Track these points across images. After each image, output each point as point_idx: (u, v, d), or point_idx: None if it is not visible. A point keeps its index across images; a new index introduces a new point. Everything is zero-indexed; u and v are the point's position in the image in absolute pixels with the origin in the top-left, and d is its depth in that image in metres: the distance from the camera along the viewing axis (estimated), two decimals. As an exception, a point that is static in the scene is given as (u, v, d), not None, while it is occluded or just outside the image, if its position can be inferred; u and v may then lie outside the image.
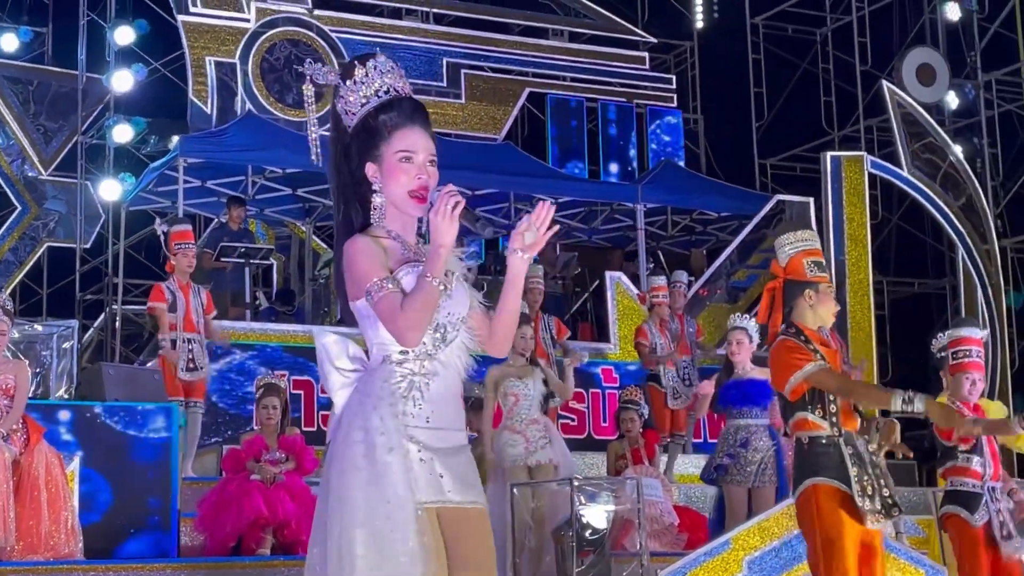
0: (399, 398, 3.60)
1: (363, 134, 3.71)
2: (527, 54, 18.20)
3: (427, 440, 3.60)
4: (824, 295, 5.65)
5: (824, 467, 5.46)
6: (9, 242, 15.39)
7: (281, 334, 12.62)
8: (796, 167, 19.47)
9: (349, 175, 3.73)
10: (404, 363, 3.63)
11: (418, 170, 3.68)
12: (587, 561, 7.60)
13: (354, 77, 3.72)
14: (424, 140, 3.70)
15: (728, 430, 8.91)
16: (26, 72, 15.95)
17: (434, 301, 3.56)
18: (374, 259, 3.61)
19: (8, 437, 7.81)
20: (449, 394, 3.69)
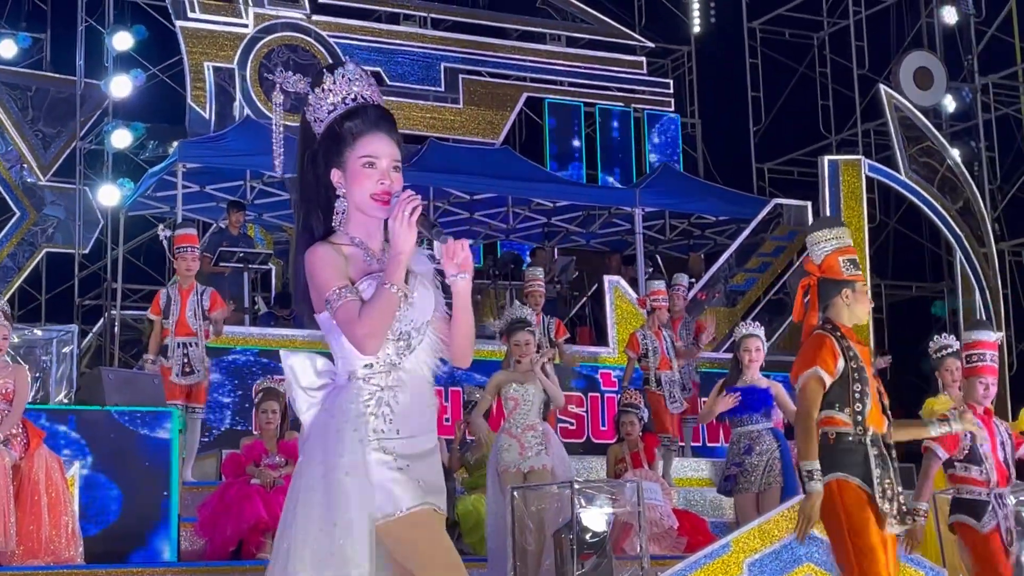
0: (367, 417, 3.62)
1: (328, 141, 3.73)
2: (525, 59, 18.22)
3: (400, 449, 3.63)
4: (860, 294, 5.62)
5: (848, 464, 5.43)
6: (8, 248, 15.39)
7: (280, 338, 12.62)
8: (794, 171, 19.51)
9: (315, 181, 3.74)
10: (370, 379, 3.66)
11: (381, 175, 3.69)
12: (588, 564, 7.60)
13: (323, 85, 3.75)
14: (388, 146, 3.72)
15: (733, 439, 8.95)
16: (24, 78, 15.97)
17: (392, 308, 3.58)
18: (334, 268, 3.63)
19: (8, 442, 7.81)
20: (418, 401, 3.71)
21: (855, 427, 5.43)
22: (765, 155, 19.84)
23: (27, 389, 8.21)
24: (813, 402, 5.48)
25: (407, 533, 3.61)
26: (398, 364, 3.67)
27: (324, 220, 3.74)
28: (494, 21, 18.50)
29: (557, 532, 7.88)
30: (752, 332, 9.07)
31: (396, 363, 3.66)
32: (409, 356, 3.69)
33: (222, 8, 16.38)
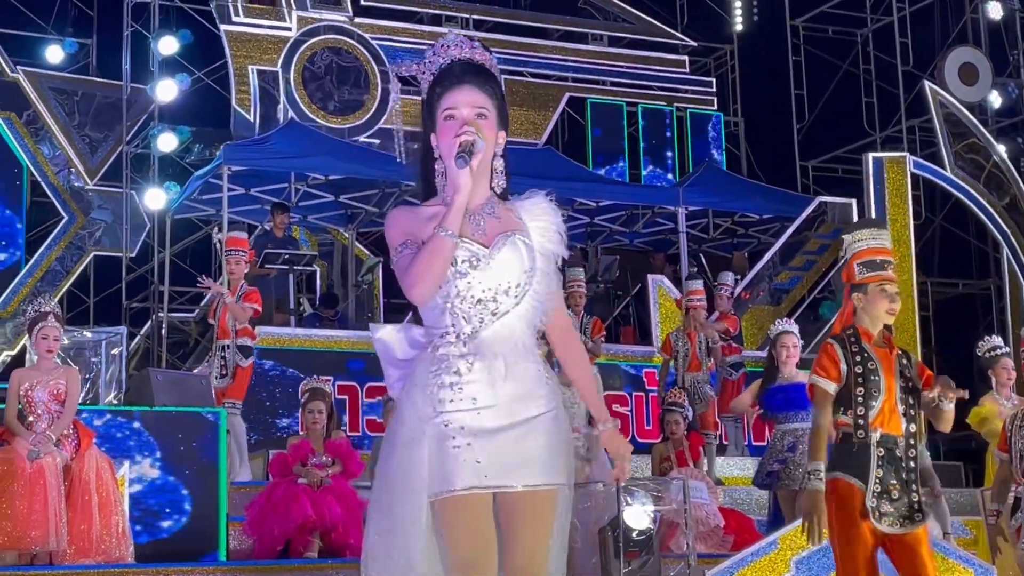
0: (436, 386, 3.50)
1: (425, 110, 3.69)
2: (567, 59, 18.22)
3: (472, 423, 3.48)
4: (873, 295, 5.64)
5: (848, 464, 5.51)
6: (56, 251, 15.52)
7: (325, 339, 12.71)
8: (838, 168, 19.40)
9: (423, 154, 3.70)
10: (442, 348, 3.54)
11: (459, 124, 3.58)
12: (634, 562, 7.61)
13: (425, 59, 3.72)
14: (470, 95, 3.62)
15: (776, 435, 8.92)
16: (71, 83, 16.11)
17: (442, 253, 3.45)
18: (398, 228, 3.58)
19: (59, 442, 7.90)
20: (501, 369, 3.52)
21: (856, 429, 5.50)
22: (809, 153, 19.74)
23: (78, 390, 8.30)
24: (818, 408, 5.60)
25: (444, 517, 3.47)
26: (476, 331, 3.52)
27: (424, 189, 3.70)
28: (536, 22, 18.51)
29: (603, 530, 7.89)
30: (787, 329, 9.08)
31: (474, 331, 3.52)
32: (494, 323, 3.54)
33: (266, 12, 16.47)
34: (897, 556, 5.49)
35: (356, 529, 8.63)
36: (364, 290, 15.47)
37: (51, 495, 7.63)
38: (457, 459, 3.45)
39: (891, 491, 5.45)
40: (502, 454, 3.48)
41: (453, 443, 3.46)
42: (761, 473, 8.95)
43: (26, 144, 15.41)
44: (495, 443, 3.48)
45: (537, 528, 3.52)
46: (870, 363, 5.56)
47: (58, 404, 7.99)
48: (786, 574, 7.14)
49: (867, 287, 5.66)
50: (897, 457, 5.49)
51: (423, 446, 3.47)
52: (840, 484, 5.48)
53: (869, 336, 5.63)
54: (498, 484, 3.48)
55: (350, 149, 15.00)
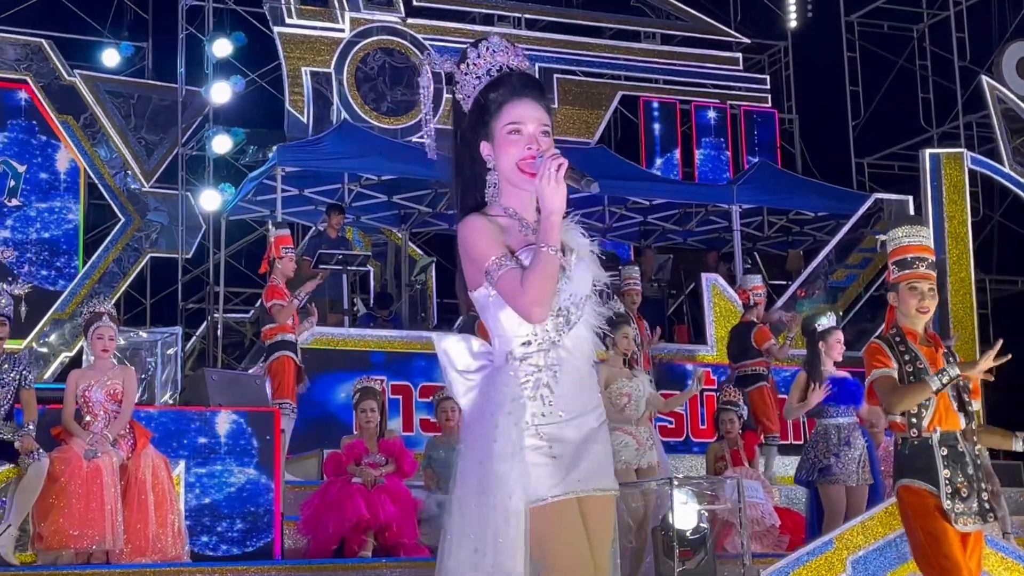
0: (526, 401, 3.50)
1: (476, 114, 3.64)
2: (619, 57, 18.18)
3: (561, 434, 3.51)
4: (904, 293, 5.60)
5: (913, 468, 5.46)
6: (113, 253, 15.67)
7: (379, 340, 12.74)
8: (894, 165, 19.23)
9: (468, 160, 3.66)
10: (528, 359, 3.53)
11: (528, 140, 3.58)
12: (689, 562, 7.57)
13: (467, 61, 3.66)
14: (534, 111, 3.61)
15: (825, 430, 8.76)
16: (127, 86, 16.25)
17: (554, 271, 3.45)
18: (490, 238, 3.53)
19: (116, 442, 7.96)
20: (579, 379, 3.57)
21: (910, 429, 5.43)
22: (865, 150, 19.58)
23: (135, 390, 8.37)
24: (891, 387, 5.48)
25: (543, 525, 3.46)
26: (558, 342, 3.54)
27: (477, 195, 3.65)
28: (588, 20, 18.48)
29: (655, 529, 7.86)
30: (833, 325, 9.02)
31: (555, 340, 3.53)
32: (569, 332, 3.56)
33: (319, 13, 16.55)
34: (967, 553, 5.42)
35: (410, 528, 8.66)
36: (417, 290, 15.51)
37: (108, 494, 7.70)
38: (550, 468, 3.48)
39: (961, 490, 5.39)
40: (586, 461, 3.54)
41: (551, 452, 3.49)
42: (809, 469, 8.77)
43: (83, 147, 15.57)
44: (580, 451, 3.53)
45: (609, 531, 3.63)
46: (919, 362, 5.51)
47: (115, 404, 8.06)
48: (842, 573, 7.07)
49: (898, 286, 5.62)
50: (960, 453, 5.44)
51: (521, 458, 3.46)
52: (913, 490, 5.43)
53: (914, 336, 5.58)
54: (585, 489, 3.53)
55: (403, 149, 15.02)
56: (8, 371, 7.99)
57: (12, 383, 7.98)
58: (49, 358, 14.88)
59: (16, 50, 15.58)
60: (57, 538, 7.65)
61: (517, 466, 3.45)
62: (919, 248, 5.66)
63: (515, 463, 3.44)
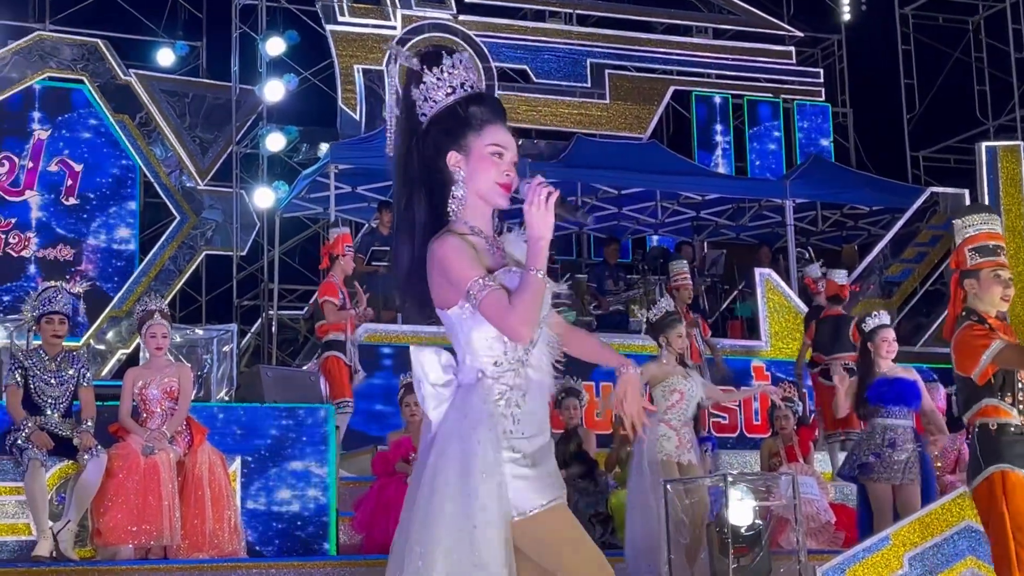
0: (498, 418, 3.54)
1: (450, 123, 3.60)
2: (671, 52, 18.13)
3: (527, 449, 3.57)
4: (986, 280, 5.50)
5: (1014, 455, 5.33)
6: (169, 251, 15.80)
7: (432, 335, 12.74)
8: (950, 159, 19.07)
9: (420, 164, 3.63)
10: (500, 378, 3.56)
11: (508, 167, 3.60)
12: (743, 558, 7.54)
13: (441, 66, 3.62)
14: (512, 140, 3.65)
15: (874, 429, 8.69)
16: (182, 85, 16.38)
17: (541, 295, 3.49)
18: (470, 258, 3.51)
19: (173, 438, 8.04)
20: (542, 396, 3.65)
21: (1019, 415, 5.31)
22: (920, 143, 19.42)
23: (191, 387, 8.43)
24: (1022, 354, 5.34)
25: (543, 531, 3.55)
26: (526, 360, 3.57)
27: (427, 204, 3.61)
28: (640, 15, 18.42)
29: (710, 526, 7.83)
30: (885, 323, 8.89)
31: (524, 360, 3.57)
32: (532, 351, 3.60)
33: (371, 11, 16.61)
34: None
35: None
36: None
37: (165, 490, 7.76)
38: (532, 480, 3.55)
39: None
40: (554, 469, 3.65)
41: (525, 463, 3.55)
42: (851, 464, 8.70)
43: (139, 146, 15.71)
44: (546, 463, 3.63)
45: None
46: None
47: (171, 401, 8.13)
48: (899, 570, 7.02)
49: (979, 273, 5.52)
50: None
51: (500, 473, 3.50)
52: (1011, 477, 5.30)
53: (992, 320, 5.49)
54: (562, 496, 3.63)
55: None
56: (67, 368, 8.08)
57: (71, 380, 8.07)
58: (106, 355, 15.04)
59: (73, 50, 15.75)
60: (115, 534, 7.73)
61: (497, 481, 3.49)
62: (999, 236, 5.59)
63: (495, 477, 3.49)
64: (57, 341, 8.15)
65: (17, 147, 15.16)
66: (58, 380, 8.04)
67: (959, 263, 5.59)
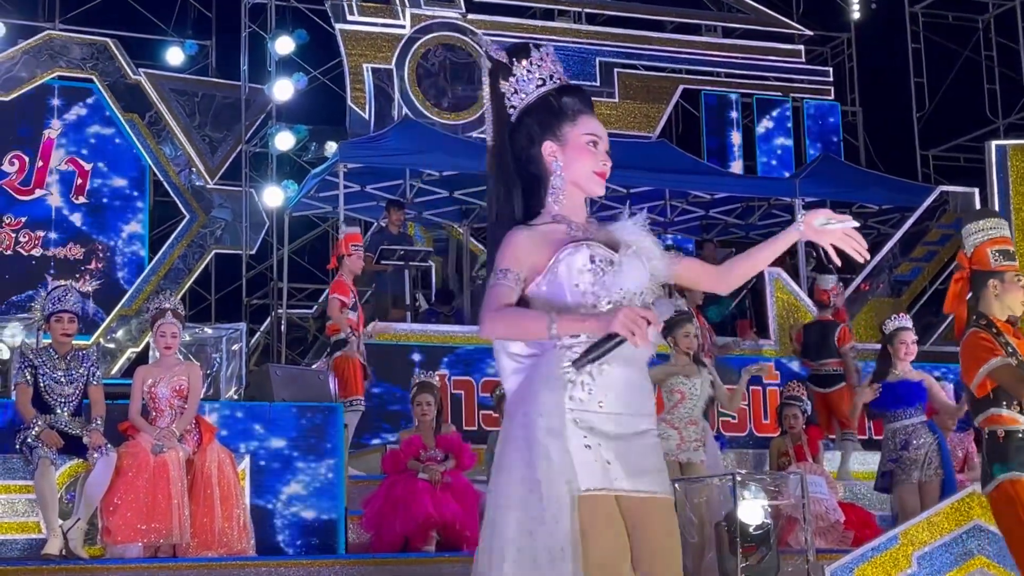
0: (566, 382, 3.48)
1: (543, 114, 3.65)
2: (680, 51, 18.12)
3: (598, 425, 3.48)
4: (1011, 284, 5.51)
5: (1021, 462, 5.34)
6: (178, 250, 15.83)
7: (442, 335, 12.77)
8: (960, 157, 19.03)
9: (514, 156, 3.66)
10: (574, 347, 3.49)
11: (603, 156, 3.70)
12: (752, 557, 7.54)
13: (530, 58, 3.68)
14: (603, 129, 3.73)
15: (888, 435, 8.76)
16: (191, 84, 16.42)
17: (528, 335, 3.48)
18: (513, 253, 3.54)
19: (182, 437, 8.05)
20: (626, 377, 3.55)
21: None
22: (929, 142, 19.38)
23: (200, 386, 8.45)
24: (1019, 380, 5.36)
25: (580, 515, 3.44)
26: None
27: (523, 196, 3.67)
28: (649, 14, 18.41)
29: (718, 524, 7.83)
30: (905, 325, 8.89)
31: None
32: None
33: (380, 10, 16.63)
34: None
35: (472, 523, 8.66)
36: (479, 285, 15.52)
37: (174, 489, 7.78)
38: (587, 458, 3.46)
39: None
40: (627, 459, 3.51)
41: (585, 441, 3.47)
42: (880, 477, 8.82)
43: (149, 145, 15.75)
44: (620, 448, 3.51)
45: (671, 535, 3.60)
46: (1019, 354, 5.44)
47: (180, 400, 8.15)
48: (908, 570, 7.02)
49: (1005, 275, 5.52)
50: None
51: (565, 436, 3.45)
52: (1021, 483, 5.32)
53: (1003, 325, 5.49)
54: (626, 488, 3.50)
55: (464, 145, 15.06)
56: (76, 367, 8.10)
57: (80, 379, 8.08)
58: (116, 354, 15.07)
59: (82, 49, 15.78)
60: (125, 532, 7.74)
61: (559, 444, 3.43)
62: (1008, 240, 5.61)
63: (560, 441, 3.44)
64: (67, 340, 8.17)
65: (27, 146, 15.20)
66: (68, 379, 8.06)
67: (980, 263, 5.56)
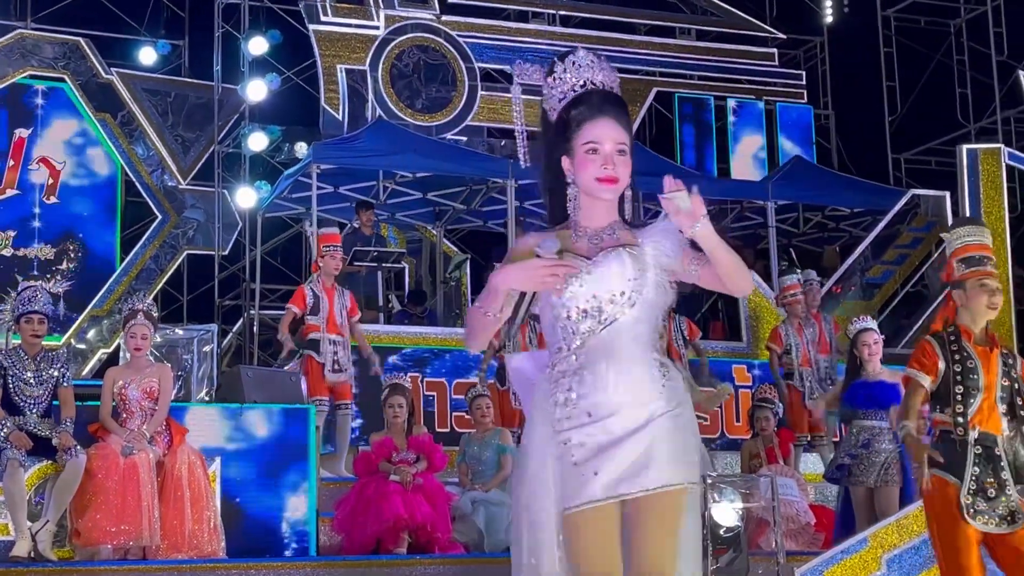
0: (552, 404, 3.62)
1: (559, 128, 3.75)
2: (654, 54, 18.14)
3: (588, 438, 3.57)
4: (972, 290, 5.59)
5: (946, 461, 5.46)
6: (150, 250, 15.76)
7: (414, 336, 12.77)
8: (931, 161, 19.13)
9: (547, 170, 3.78)
10: (557, 365, 3.66)
11: (604, 160, 3.70)
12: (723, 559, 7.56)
13: (554, 74, 3.77)
14: (612, 130, 3.71)
15: (851, 430, 8.80)
16: (164, 84, 16.35)
17: (480, 326, 3.64)
18: (510, 256, 3.71)
19: (152, 439, 8.02)
20: (616, 376, 3.60)
21: (955, 427, 5.45)
22: (901, 145, 19.48)
23: (171, 388, 8.43)
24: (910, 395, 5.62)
25: (570, 532, 3.57)
26: (584, 342, 3.61)
27: (552, 206, 3.80)
28: (623, 16, 18.42)
29: (691, 527, 7.83)
30: (867, 326, 8.95)
31: (583, 341, 3.62)
32: (601, 332, 3.62)
33: (354, 11, 16.59)
34: (1001, 557, 5.43)
35: (443, 525, 8.68)
36: (452, 287, 15.53)
37: (144, 491, 7.76)
38: (577, 475, 3.55)
39: (987, 489, 5.40)
40: (621, 462, 3.55)
41: (572, 459, 3.56)
42: (831, 466, 8.86)
43: (121, 145, 15.67)
44: (613, 453, 3.56)
45: (660, 531, 3.56)
46: (969, 361, 5.53)
47: (151, 402, 8.12)
48: (877, 572, 7.05)
49: (965, 283, 5.61)
50: (996, 456, 5.44)
51: (548, 467, 3.59)
52: (937, 482, 5.46)
53: (970, 334, 5.59)
54: (618, 493, 3.54)
55: (438, 147, 15.07)
56: (46, 368, 8.06)
57: (50, 380, 8.05)
58: (87, 355, 14.99)
59: (54, 48, 15.70)
60: (94, 534, 7.72)
61: (545, 474, 3.58)
62: (985, 247, 5.67)
63: (543, 471, 3.58)
64: (36, 341, 8.13)
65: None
66: (38, 380, 8.02)
67: (949, 276, 5.68)
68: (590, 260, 3.65)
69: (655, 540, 3.54)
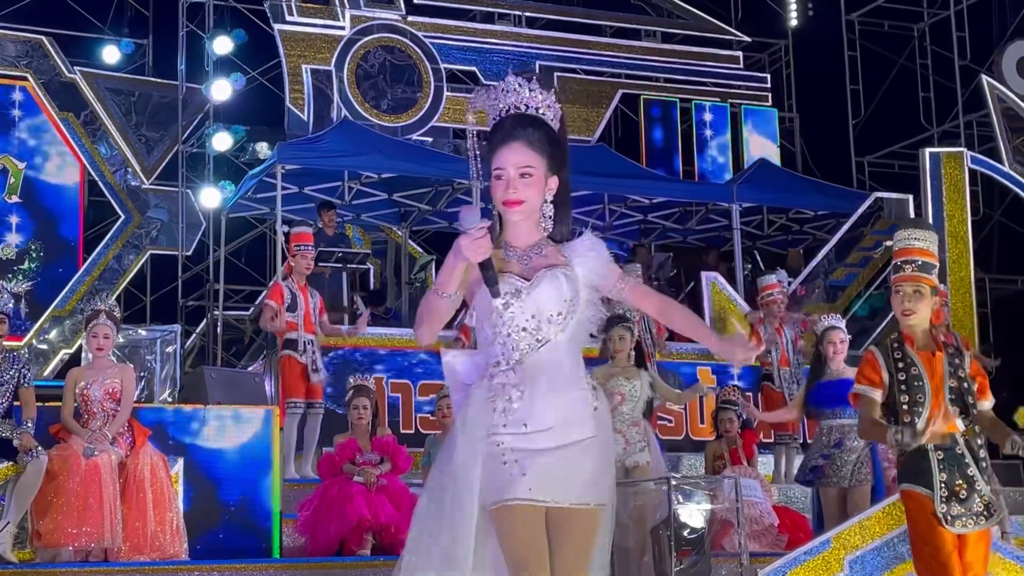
0: (490, 410, 3.76)
1: (483, 157, 3.91)
2: (620, 56, 18.18)
3: (519, 444, 3.73)
4: (893, 297, 5.63)
5: (910, 473, 5.52)
6: (113, 250, 15.67)
7: (379, 337, 12.73)
8: (894, 164, 19.24)
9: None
10: (495, 376, 3.78)
11: (506, 185, 3.83)
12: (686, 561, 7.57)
13: (488, 104, 3.93)
14: (515, 155, 3.83)
15: (821, 431, 8.80)
16: (128, 83, 16.26)
17: (435, 308, 3.80)
18: (444, 270, 3.81)
19: (115, 440, 7.97)
20: (553, 395, 3.78)
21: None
22: (865, 149, 19.59)
23: (133, 388, 8.37)
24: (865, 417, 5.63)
25: (498, 524, 3.73)
26: (523, 358, 3.77)
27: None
28: (588, 18, 18.46)
29: (655, 529, 7.86)
30: (834, 324, 8.98)
31: (521, 357, 3.77)
32: (539, 349, 3.79)
33: (319, 11, 16.55)
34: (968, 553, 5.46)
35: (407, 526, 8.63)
36: (417, 288, 15.49)
37: (106, 492, 7.70)
38: (506, 474, 3.71)
39: (958, 492, 5.42)
40: (549, 472, 3.74)
41: (502, 459, 3.72)
42: (804, 469, 8.84)
43: (83, 144, 15.57)
44: (542, 462, 3.74)
45: (581, 542, 3.80)
46: (913, 368, 5.52)
47: (113, 402, 8.06)
48: (840, 573, 7.07)
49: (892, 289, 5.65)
50: (958, 455, 5.46)
51: (476, 466, 3.73)
52: (908, 495, 5.50)
53: (912, 340, 5.57)
54: (543, 499, 3.73)
55: (403, 147, 15.04)
56: (7, 369, 8.00)
57: (11, 381, 7.98)
58: (49, 355, 14.89)
59: (16, 47, 15.59)
60: (55, 536, 7.65)
61: (472, 472, 3.73)
62: (908, 251, 5.64)
63: (469, 470, 3.73)
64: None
65: (-41, 145, 15.00)
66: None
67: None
68: (528, 281, 3.79)
69: (573, 552, 3.79)
